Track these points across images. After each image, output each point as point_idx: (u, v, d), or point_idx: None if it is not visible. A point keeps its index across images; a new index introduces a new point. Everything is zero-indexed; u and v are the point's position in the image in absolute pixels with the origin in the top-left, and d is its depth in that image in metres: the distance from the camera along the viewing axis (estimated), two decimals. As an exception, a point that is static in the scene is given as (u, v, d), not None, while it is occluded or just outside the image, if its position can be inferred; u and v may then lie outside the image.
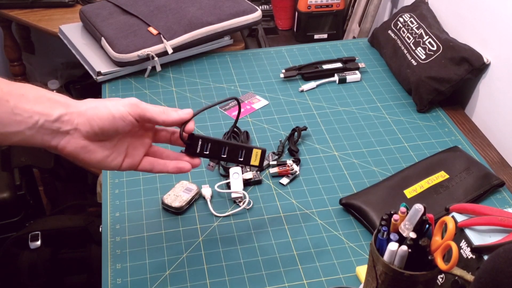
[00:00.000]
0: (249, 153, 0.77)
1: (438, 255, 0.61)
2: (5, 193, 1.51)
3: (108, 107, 0.66)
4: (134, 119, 0.68)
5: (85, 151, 0.66)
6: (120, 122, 0.66)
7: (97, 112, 0.65)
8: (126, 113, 0.67)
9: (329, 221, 0.94)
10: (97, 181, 1.77)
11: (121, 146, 0.70)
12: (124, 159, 0.71)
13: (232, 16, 1.34)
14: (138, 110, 0.67)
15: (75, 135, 0.65)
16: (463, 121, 1.19)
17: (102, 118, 0.65)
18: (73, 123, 0.64)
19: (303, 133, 1.10)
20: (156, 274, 0.84)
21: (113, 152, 0.69)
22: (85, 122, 0.65)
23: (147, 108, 0.68)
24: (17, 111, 0.61)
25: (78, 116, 0.65)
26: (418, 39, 1.24)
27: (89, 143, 0.66)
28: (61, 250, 1.47)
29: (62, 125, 0.64)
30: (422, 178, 0.97)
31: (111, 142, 0.69)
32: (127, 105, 0.67)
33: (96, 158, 0.68)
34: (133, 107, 0.67)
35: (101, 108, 0.66)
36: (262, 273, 0.85)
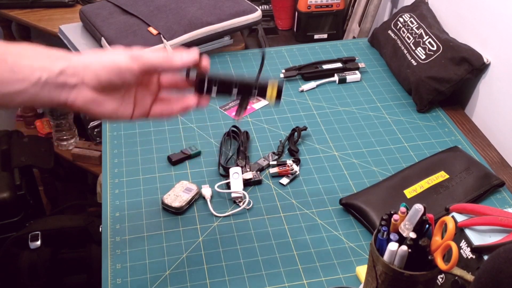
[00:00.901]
0: (263, 88, 0.72)
1: (438, 255, 0.61)
2: (5, 193, 1.52)
3: (113, 59, 0.65)
4: (140, 72, 0.66)
5: (95, 104, 0.65)
6: (127, 73, 0.65)
7: (103, 64, 0.64)
8: (131, 65, 0.65)
9: (329, 221, 0.94)
10: (97, 181, 1.77)
11: (129, 96, 0.69)
12: (134, 109, 0.70)
13: (232, 16, 1.34)
14: (140, 63, 0.66)
15: (83, 88, 0.64)
16: (463, 121, 1.19)
17: (109, 71, 0.64)
18: (79, 75, 0.63)
19: (303, 133, 1.10)
20: (156, 274, 0.84)
21: (123, 102, 0.68)
22: (91, 74, 0.64)
23: (149, 58, 0.66)
24: (17, 69, 0.60)
25: (84, 69, 0.63)
26: (418, 39, 1.24)
27: (98, 95, 0.65)
28: (61, 250, 1.47)
29: (67, 78, 0.62)
30: (422, 178, 0.97)
31: (119, 93, 0.67)
32: (130, 57, 0.66)
33: (107, 110, 0.67)
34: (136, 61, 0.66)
35: (107, 61, 0.64)
36: (262, 273, 0.85)
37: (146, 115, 0.72)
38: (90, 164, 1.87)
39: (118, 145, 1.08)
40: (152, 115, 0.72)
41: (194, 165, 1.04)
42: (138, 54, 0.66)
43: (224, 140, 1.09)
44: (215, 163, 1.04)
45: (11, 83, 0.60)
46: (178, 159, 1.04)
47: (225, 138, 1.09)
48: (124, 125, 1.13)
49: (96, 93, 0.65)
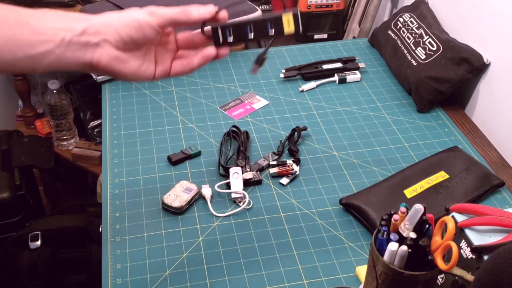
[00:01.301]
0: (279, 22, 0.71)
1: (438, 255, 0.61)
2: (5, 193, 1.52)
3: (132, 16, 0.66)
4: (160, 27, 0.68)
5: (119, 62, 0.67)
6: (147, 29, 0.67)
7: (122, 21, 0.66)
8: (153, 21, 0.67)
9: (329, 221, 0.94)
10: (97, 181, 1.77)
11: (150, 55, 0.70)
12: (156, 67, 0.71)
13: (232, 16, 1.33)
14: (158, 17, 0.67)
15: (106, 46, 0.65)
16: (463, 121, 1.19)
17: (129, 26, 0.66)
18: (101, 33, 0.64)
19: (303, 133, 1.10)
20: (156, 274, 0.84)
21: (145, 61, 0.69)
22: (113, 32, 0.65)
23: (166, 12, 0.68)
24: (41, 30, 0.61)
25: (105, 27, 0.65)
26: (418, 39, 1.24)
27: (121, 53, 0.66)
28: (61, 250, 1.47)
29: (90, 37, 0.64)
30: (422, 178, 0.97)
31: (140, 51, 0.69)
32: (147, 13, 0.67)
33: (131, 68, 0.68)
34: (154, 16, 0.67)
35: (127, 17, 0.66)
36: (262, 273, 0.85)
37: (168, 73, 0.72)
38: (90, 164, 1.86)
39: (118, 145, 1.08)
40: (173, 73, 0.73)
41: (194, 165, 1.04)
42: (155, 10, 0.67)
43: (224, 140, 1.09)
44: (215, 163, 1.04)
45: (36, 45, 0.61)
46: (178, 159, 1.04)
47: (225, 138, 1.09)
48: (124, 125, 1.13)
49: (119, 50, 0.66)
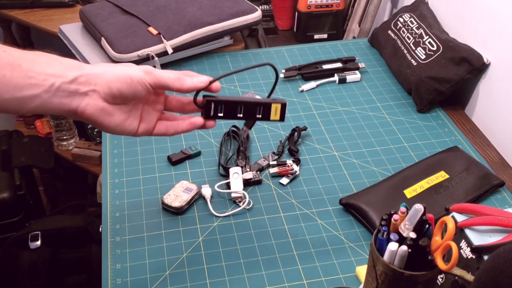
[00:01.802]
0: (267, 108, 0.75)
1: (438, 255, 0.61)
2: (5, 193, 1.52)
3: (126, 71, 0.67)
4: (150, 85, 0.68)
5: (104, 114, 0.67)
6: (138, 86, 0.67)
7: (115, 75, 0.66)
8: (144, 78, 0.67)
9: (329, 221, 0.94)
10: (97, 181, 1.77)
11: (136, 112, 0.70)
12: (140, 124, 0.71)
13: (232, 16, 1.34)
14: (152, 78, 0.68)
15: (94, 96, 0.65)
16: (463, 121, 1.19)
17: (121, 81, 0.66)
18: (91, 84, 0.65)
19: (303, 133, 1.10)
20: (156, 274, 0.84)
21: (130, 116, 0.70)
22: (103, 84, 0.65)
23: (161, 75, 0.68)
24: (31, 74, 0.61)
25: (96, 78, 0.65)
26: (418, 39, 1.24)
27: (108, 105, 0.67)
28: (61, 250, 1.47)
29: (80, 86, 0.64)
30: (422, 178, 0.97)
31: (127, 107, 0.69)
32: (142, 71, 0.68)
33: (115, 121, 0.68)
34: (148, 75, 0.68)
35: (120, 71, 0.66)
36: (262, 273, 0.85)
37: (151, 132, 0.73)
38: (90, 164, 1.87)
39: (118, 145, 1.08)
40: (156, 132, 0.73)
41: (194, 165, 1.04)
42: (151, 69, 0.68)
43: (224, 140, 1.09)
44: (215, 163, 1.04)
45: (25, 88, 0.61)
46: (178, 159, 1.04)
47: (225, 138, 1.09)
48: (124, 125, 1.13)
49: (106, 102, 0.66)
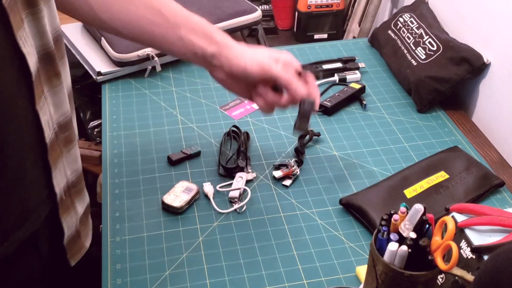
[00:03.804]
0: None
1: (438, 255, 0.61)
2: (5, 193, 1.51)
3: (246, 62, 0.82)
4: (261, 79, 0.83)
5: (225, 83, 0.87)
6: (250, 76, 0.83)
7: (236, 62, 0.83)
8: (256, 72, 0.82)
9: (329, 221, 0.94)
10: (97, 181, 1.77)
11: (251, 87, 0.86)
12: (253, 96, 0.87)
13: (232, 16, 1.34)
14: (264, 72, 0.82)
15: (220, 70, 0.84)
16: (463, 121, 1.19)
17: (238, 69, 0.83)
18: (221, 62, 0.83)
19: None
20: (156, 274, 0.84)
21: (246, 89, 0.87)
22: (227, 65, 0.83)
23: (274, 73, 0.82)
24: (184, 39, 0.82)
25: (225, 60, 0.83)
26: (418, 39, 1.24)
27: (228, 78, 0.85)
28: (61, 250, 1.46)
29: (213, 60, 0.83)
30: (422, 178, 0.97)
31: (244, 83, 0.86)
32: (258, 65, 0.82)
33: (232, 89, 0.88)
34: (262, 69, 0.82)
35: (240, 61, 0.82)
36: (262, 273, 0.85)
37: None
38: (90, 164, 1.86)
39: (118, 145, 1.08)
40: None
41: (194, 165, 1.04)
42: (268, 65, 0.82)
43: (224, 140, 1.09)
44: (215, 163, 1.04)
45: (177, 46, 0.83)
46: (178, 159, 1.04)
47: (225, 138, 1.09)
48: (124, 125, 1.13)
49: (227, 77, 0.85)
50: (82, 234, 0.87)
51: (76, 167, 0.84)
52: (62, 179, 0.78)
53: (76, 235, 0.85)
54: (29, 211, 0.73)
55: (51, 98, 0.72)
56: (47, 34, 0.68)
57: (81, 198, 0.87)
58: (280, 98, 0.85)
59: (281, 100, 0.85)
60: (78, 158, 0.84)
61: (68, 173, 0.80)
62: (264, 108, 0.87)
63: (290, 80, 0.82)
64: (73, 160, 0.82)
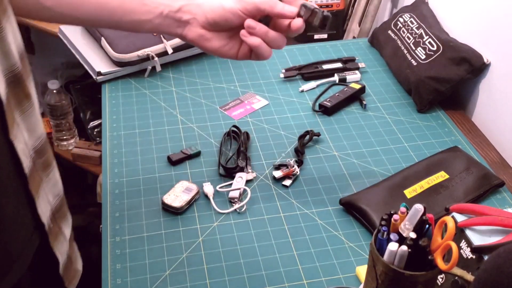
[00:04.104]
0: None
1: (438, 255, 0.61)
2: (5, 193, 1.51)
3: (220, 1, 0.75)
4: (243, 13, 0.75)
5: (204, 39, 0.77)
6: (229, 15, 0.75)
7: (211, 5, 0.76)
8: (236, 8, 0.74)
9: (329, 221, 0.94)
10: (97, 181, 1.77)
11: (237, 38, 0.78)
12: (240, 49, 0.79)
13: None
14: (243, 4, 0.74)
15: (194, 24, 0.76)
16: (463, 121, 1.19)
17: (214, 11, 0.75)
18: (192, 13, 0.76)
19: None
20: (156, 274, 0.84)
21: (229, 42, 0.78)
22: (201, 13, 0.76)
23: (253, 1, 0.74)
24: (146, 2, 0.75)
25: (196, 8, 0.76)
26: (418, 39, 1.24)
27: (206, 32, 0.77)
28: (61, 250, 1.46)
29: (183, 14, 0.76)
30: (422, 178, 0.97)
31: (227, 33, 0.78)
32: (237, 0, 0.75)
33: (213, 46, 0.78)
34: (240, 2, 0.74)
35: (215, 2, 0.75)
36: (262, 273, 0.85)
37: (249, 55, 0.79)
38: (90, 164, 1.86)
39: (118, 145, 1.08)
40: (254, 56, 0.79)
41: (194, 165, 1.04)
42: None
43: (224, 140, 1.09)
44: (215, 163, 1.04)
45: (139, 13, 0.75)
46: (178, 159, 1.04)
47: (225, 138, 1.09)
48: (124, 125, 1.13)
49: (204, 29, 0.77)
50: (73, 257, 0.82)
51: (58, 191, 0.76)
52: (46, 207, 0.71)
53: (68, 261, 0.79)
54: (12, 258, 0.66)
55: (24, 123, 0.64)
56: (12, 54, 0.60)
57: (66, 221, 0.80)
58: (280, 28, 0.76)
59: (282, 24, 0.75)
60: (58, 180, 0.76)
61: (50, 199, 0.73)
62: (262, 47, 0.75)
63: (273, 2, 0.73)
64: (53, 184, 0.74)
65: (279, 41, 0.76)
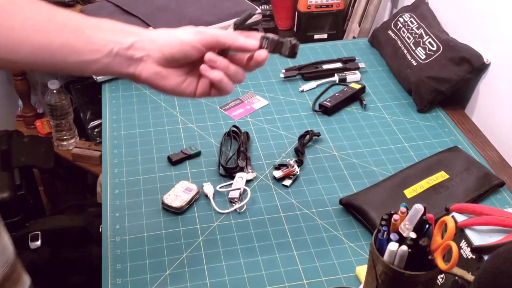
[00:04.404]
0: None
1: (438, 255, 0.61)
2: (5, 193, 1.52)
3: (178, 35, 0.69)
4: (203, 46, 0.69)
5: (159, 77, 0.69)
6: (188, 48, 0.68)
7: (167, 39, 0.68)
8: (195, 41, 0.68)
9: (329, 221, 0.94)
10: (97, 181, 1.77)
11: (194, 74, 0.72)
12: (198, 87, 0.72)
13: (232, 16, 1.34)
14: (203, 37, 0.69)
15: (148, 61, 0.68)
16: (463, 121, 1.19)
17: (171, 45, 0.68)
18: (145, 49, 0.67)
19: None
20: (156, 274, 0.84)
21: (187, 79, 0.71)
22: (156, 48, 0.68)
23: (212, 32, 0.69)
24: (93, 40, 0.65)
25: (150, 43, 0.68)
26: (418, 39, 1.24)
27: (162, 69, 0.69)
28: (61, 250, 1.47)
29: (135, 52, 0.67)
30: (422, 178, 0.97)
31: (183, 70, 0.71)
32: (195, 33, 0.69)
33: (170, 84, 0.70)
34: (199, 35, 0.69)
35: (171, 36, 0.69)
36: (262, 273, 0.85)
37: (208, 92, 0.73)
38: (90, 164, 1.86)
39: (118, 145, 1.08)
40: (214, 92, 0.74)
41: (194, 165, 1.04)
42: (203, 29, 0.69)
43: (224, 140, 1.09)
44: (215, 163, 1.04)
45: (86, 53, 0.65)
46: (178, 159, 1.04)
47: (225, 138, 1.09)
48: (124, 125, 1.13)
49: (160, 66, 0.69)
50: None
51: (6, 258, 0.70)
52: None
53: None
54: None
55: None
56: None
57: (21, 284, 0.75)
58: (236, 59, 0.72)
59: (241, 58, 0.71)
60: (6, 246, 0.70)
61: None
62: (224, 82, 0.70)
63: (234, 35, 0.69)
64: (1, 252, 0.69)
65: (240, 75, 0.71)
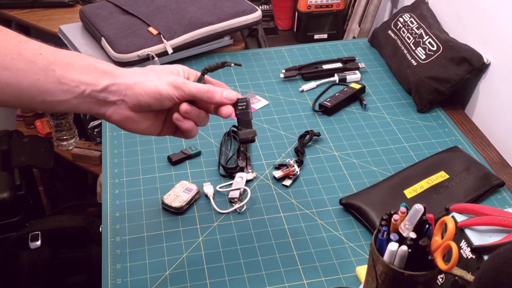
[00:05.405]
0: None
1: (438, 255, 0.61)
2: (5, 193, 1.52)
3: (156, 85, 0.68)
4: (179, 99, 0.70)
5: (130, 121, 0.69)
6: (166, 101, 0.69)
7: (144, 87, 0.67)
8: (172, 94, 0.69)
9: (329, 221, 0.94)
10: (97, 181, 1.77)
11: (162, 117, 0.73)
12: (163, 126, 0.74)
13: (232, 16, 1.34)
14: (181, 93, 0.69)
15: (122, 106, 0.67)
16: (463, 121, 1.19)
17: (150, 96, 0.67)
18: (120, 94, 0.67)
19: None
20: (156, 274, 0.84)
21: (155, 122, 0.72)
22: (132, 95, 0.67)
23: (190, 90, 0.70)
24: (64, 81, 0.63)
25: (126, 89, 0.67)
26: (418, 39, 1.24)
27: (134, 114, 0.69)
28: (61, 250, 1.47)
29: (109, 95, 0.66)
30: (422, 178, 0.97)
31: (153, 113, 0.71)
32: (172, 86, 0.69)
33: (140, 128, 0.71)
34: (178, 90, 0.69)
35: (149, 85, 0.68)
36: (262, 273, 0.85)
37: (172, 133, 0.75)
38: (90, 164, 1.87)
39: (118, 145, 1.08)
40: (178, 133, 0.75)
41: (194, 165, 1.04)
42: (181, 84, 0.69)
43: (224, 140, 1.09)
44: (215, 163, 1.04)
45: (56, 93, 0.63)
46: (178, 159, 1.04)
47: (225, 138, 1.09)
48: (124, 125, 1.13)
49: (132, 112, 0.68)
50: None
51: None
52: None
53: None
54: None
55: None
56: None
57: None
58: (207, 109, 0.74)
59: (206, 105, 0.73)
60: None
61: None
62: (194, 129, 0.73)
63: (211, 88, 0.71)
64: None
65: (206, 120, 0.74)
